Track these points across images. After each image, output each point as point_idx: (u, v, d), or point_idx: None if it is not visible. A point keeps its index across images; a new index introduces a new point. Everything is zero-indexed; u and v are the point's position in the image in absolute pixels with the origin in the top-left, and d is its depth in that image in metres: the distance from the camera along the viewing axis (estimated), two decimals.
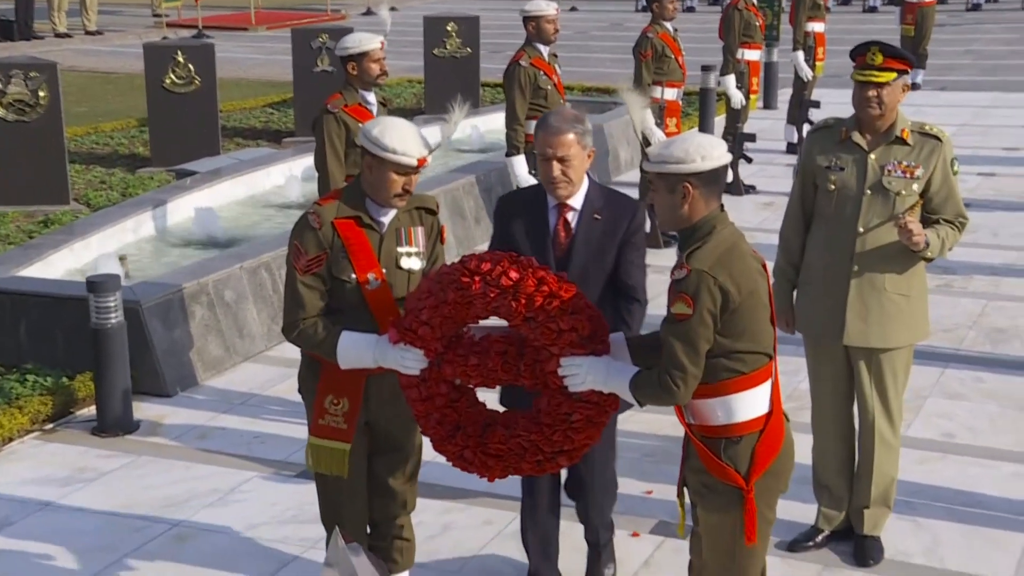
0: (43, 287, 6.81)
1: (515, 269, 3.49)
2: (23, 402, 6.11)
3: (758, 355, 3.45)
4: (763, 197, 10.75)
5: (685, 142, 3.41)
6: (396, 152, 3.74)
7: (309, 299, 3.82)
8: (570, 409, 3.57)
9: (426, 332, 3.59)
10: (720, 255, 3.36)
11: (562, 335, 3.48)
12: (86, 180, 10.69)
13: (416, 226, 3.96)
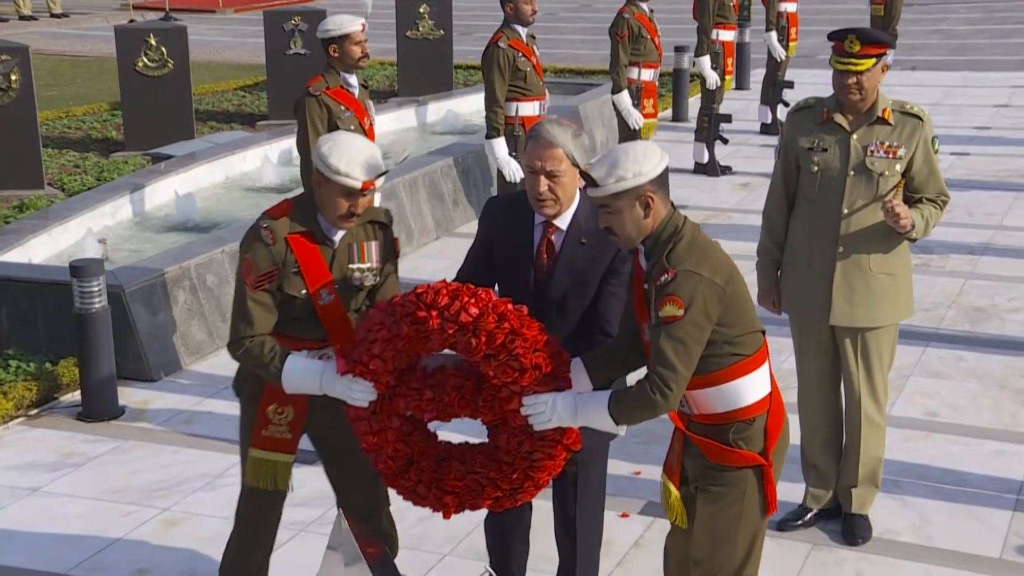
0: (25, 272, 6.75)
1: (475, 304, 3.30)
2: (7, 387, 6.07)
3: (755, 334, 3.45)
4: (739, 178, 10.79)
5: (630, 154, 3.29)
6: (340, 173, 3.55)
7: (258, 316, 3.64)
8: (531, 448, 3.41)
9: (378, 366, 3.39)
10: (696, 250, 3.31)
11: (524, 374, 3.31)
12: (60, 164, 10.59)
13: (370, 241, 3.80)
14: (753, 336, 3.44)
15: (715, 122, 10.85)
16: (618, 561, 4.74)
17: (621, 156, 3.29)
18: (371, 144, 3.68)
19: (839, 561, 4.73)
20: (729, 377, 3.40)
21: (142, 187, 8.78)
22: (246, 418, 3.91)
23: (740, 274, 3.40)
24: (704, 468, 3.51)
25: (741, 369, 3.40)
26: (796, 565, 4.69)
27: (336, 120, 6.08)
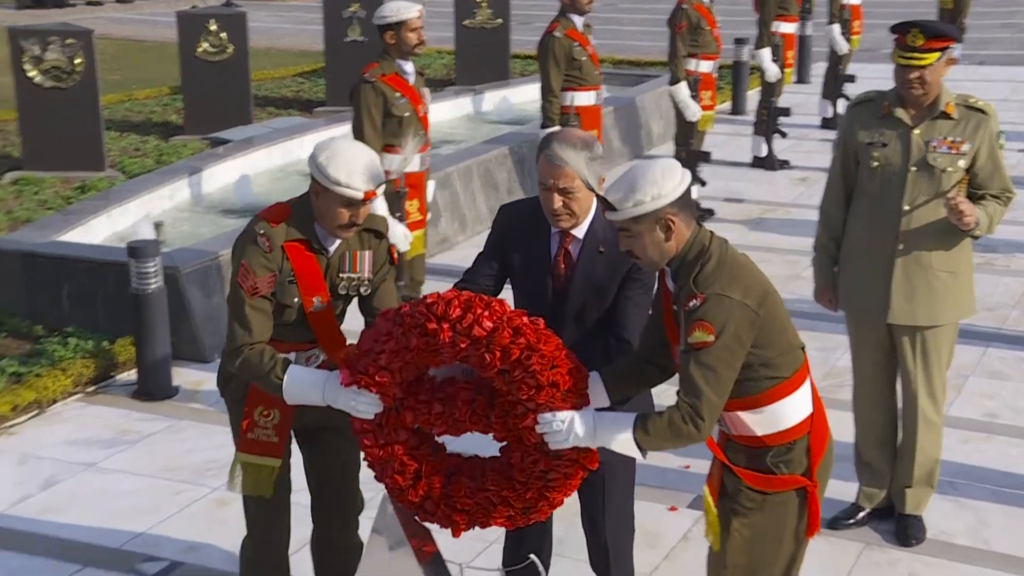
0: (85, 252, 6.84)
1: (488, 317, 3.11)
2: (66, 364, 6.15)
3: (793, 353, 3.26)
4: (797, 172, 10.69)
5: (646, 175, 3.12)
6: (340, 184, 3.42)
7: (257, 323, 3.50)
8: (546, 467, 3.22)
9: (385, 378, 3.21)
10: (726, 271, 3.13)
11: (540, 391, 3.12)
12: (121, 147, 10.71)
13: (364, 250, 3.66)
14: (792, 356, 3.26)
15: (774, 115, 10.74)
16: (665, 554, 4.71)
17: (639, 178, 3.12)
18: (370, 152, 3.55)
19: (892, 562, 4.67)
20: (767, 401, 3.22)
21: (200, 170, 8.86)
22: (233, 420, 3.81)
23: (775, 292, 3.21)
24: (744, 489, 3.35)
25: (780, 392, 3.23)
26: (847, 564, 4.63)
27: (390, 107, 6.08)
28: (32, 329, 6.68)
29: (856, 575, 4.57)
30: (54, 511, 5.00)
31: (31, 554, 4.68)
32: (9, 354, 6.40)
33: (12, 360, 6.27)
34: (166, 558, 4.65)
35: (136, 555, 4.67)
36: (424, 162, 6.32)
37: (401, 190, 6.13)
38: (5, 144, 10.64)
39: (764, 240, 8.80)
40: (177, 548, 4.72)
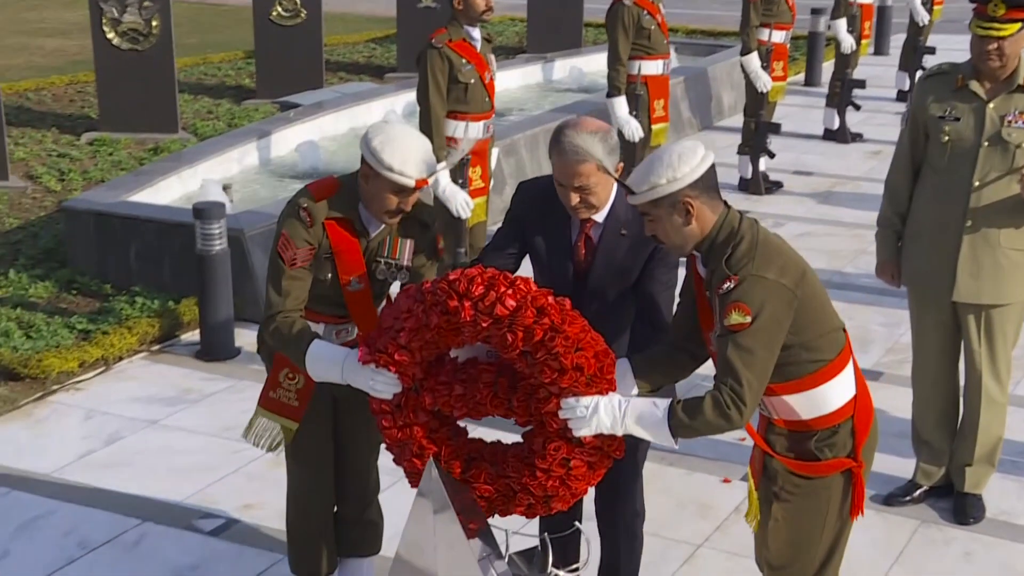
0: (152, 212, 6.93)
1: (512, 296, 2.99)
2: (132, 323, 6.25)
3: (835, 334, 3.18)
4: (871, 146, 10.51)
5: (664, 158, 3.06)
6: (393, 171, 3.38)
7: (292, 293, 3.50)
8: (568, 454, 3.11)
9: (404, 357, 3.12)
10: (759, 252, 3.02)
11: (564, 375, 3.00)
12: (194, 110, 10.84)
13: (406, 238, 3.60)
14: (833, 337, 3.17)
15: (848, 87, 10.56)
16: (717, 525, 4.69)
17: (656, 162, 3.06)
18: (424, 140, 3.51)
19: (948, 540, 4.60)
20: (811, 384, 3.15)
21: (269, 134, 8.94)
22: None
23: (812, 272, 3.13)
24: (786, 473, 3.28)
25: (823, 376, 3.15)
26: (902, 541, 4.57)
27: (457, 73, 6.07)
28: (102, 288, 6.80)
29: (910, 552, 4.51)
30: (116, 466, 5.10)
31: (93, 507, 4.77)
32: (79, 311, 6.52)
33: (81, 318, 6.39)
34: (222, 515, 4.73)
35: (194, 511, 4.75)
36: (488, 129, 6.31)
37: (464, 157, 6.12)
38: (84, 105, 10.82)
39: (832, 214, 8.68)
40: (233, 505, 4.79)
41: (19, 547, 4.50)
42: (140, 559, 4.43)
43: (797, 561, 3.32)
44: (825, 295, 3.19)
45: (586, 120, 3.40)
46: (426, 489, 3.15)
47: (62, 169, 8.95)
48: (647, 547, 4.46)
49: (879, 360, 6.15)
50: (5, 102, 10.33)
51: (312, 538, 3.91)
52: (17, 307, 6.53)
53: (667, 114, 7.86)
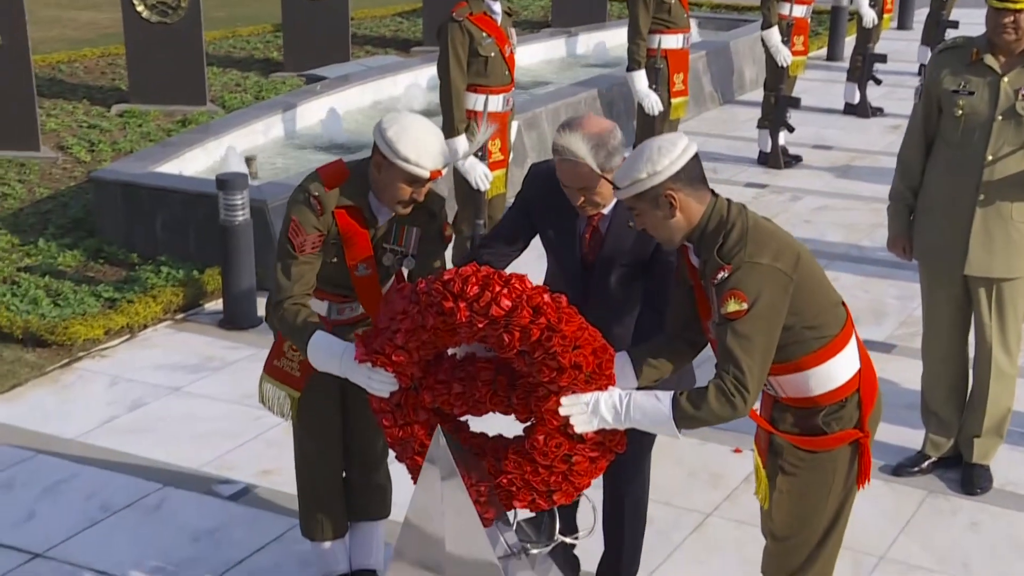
0: (178, 183, 6.96)
1: (507, 295, 2.92)
2: (157, 292, 6.29)
3: (835, 310, 3.14)
4: (891, 120, 10.40)
5: (643, 153, 3.00)
6: (408, 162, 3.33)
7: (300, 279, 3.48)
8: (570, 451, 3.06)
9: (401, 358, 3.07)
10: (751, 239, 2.98)
11: (562, 373, 2.95)
12: (222, 82, 10.85)
13: (413, 226, 3.57)
14: (834, 313, 3.13)
15: (869, 62, 10.44)
16: (727, 494, 4.68)
17: (636, 157, 3.01)
18: (438, 131, 3.45)
19: (955, 510, 4.58)
20: (817, 361, 3.10)
21: (294, 106, 8.94)
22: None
23: (807, 253, 3.07)
24: (792, 447, 3.25)
25: (828, 352, 3.10)
26: (909, 510, 4.56)
27: (477, 46, 6.04)
28: (128, 257, 6.84)
29: (917, 522, 4.49)
30: (139, 432, 5.14)
31: (116, 471, 4.82)
32: (106, 280, 6.57)
33: (108, 286, 6.43)
34: (241, 481, 4.76)
35: (213, 477, 4.79)
36: (507, 102, 6.27)
37: None
38: (114, 77, 10.85)
39: (850, 188, 8.61)
40: (252, 471, 4.82)
41: (44, 509, 4.55)
42: (160, 522, 4.47)
43: (802, 532, 3.30)
44: (822, 273, 3.15)
45: (587, 121, 3.32)
46: (434, 456, 3.15)
47: (92, 140, 8.99)
48: (658, 515, 4.48)
49: (892, 332, 6.11)
50: (38, 74, 10.37)
51: (321, 502, 3.92)
52: (46, 275, 6.58)
53: (686, 88, 7.80)
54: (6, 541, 4.34)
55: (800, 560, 3.30)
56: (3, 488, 4.69)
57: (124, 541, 4.35)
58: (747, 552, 4.29)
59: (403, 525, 3.21)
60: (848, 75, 10.80)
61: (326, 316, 3.67)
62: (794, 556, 3.31)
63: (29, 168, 8.36)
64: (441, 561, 3.20)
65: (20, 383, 5.56)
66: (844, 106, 10.76)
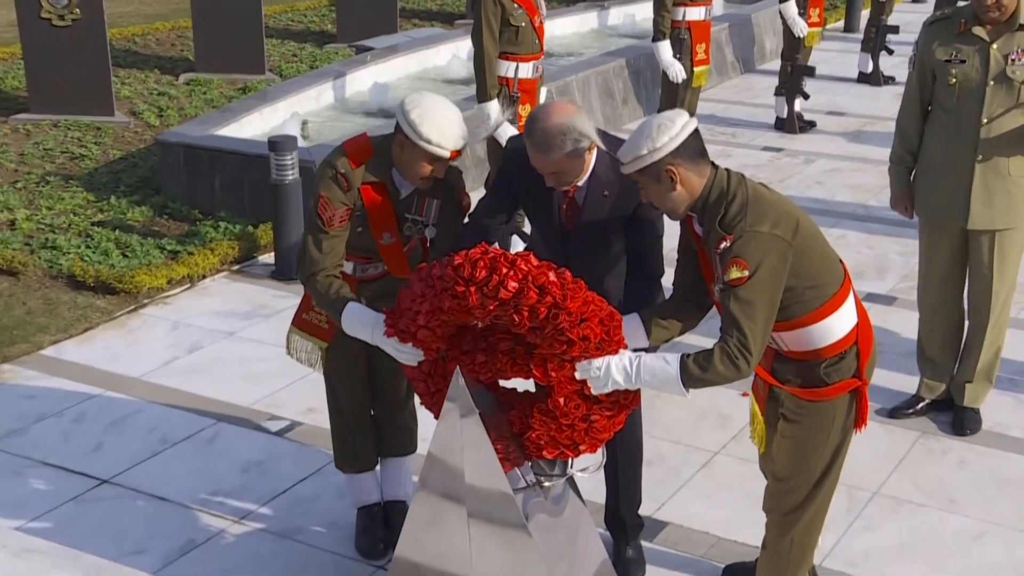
0: (234, 145, 6.95)
1: (513, 277, 2.89)
2: (214, 245, 6.31)
3: (834, 269, 3.09)
4: (901, 88, 10.08)
5: (644, 130, 2.98)
6: (431, 143, 3.30)
7: (331, 251, 3.45)
8: (588, 411, 3.07)
9: (425, 335, 3.09)
10: (751, 209, 2.94)
11: (572, 346, 2.94)
12: (280, 53, 10.83)
13: (432, 199, 3.53)
14: (834, 272, 3.08)
15: (882, 33, 10.24)
16: (734, 435, 4.65)
17: (638, 134, 2.99)
18: (458, 112, 3.39)
19: (945, 450, 4.52)
20: (817, 318, 3.06)
21: (344, 75, 8.90)
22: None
23: (806, 219, 3.02)
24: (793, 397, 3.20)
25: (828, 309, 3.06)
26: (902, 450, 4.51)
27: (508, 17, 5.97)
28: (191, 213, 6.87)
29: (909, 461, 4.44)
30: (197, 372, 5.18)
31: (175, 408, 4.86)
32: (170, 234, 6.60)
33: (171, 239, 6.47)
34: (288, 418, 4.78)
35: (263, 413, 4.82)
36: (537, 69, 6.21)
37: (515, 94, 6.05)
38: (183, 48, 10.86)
39: (861, 151, 8.47)
40: (298, 409, 4.85)
41: (111, 440, 4.60)
42: (214, 454, 4.51)
43: (801, 473, 3.26)
44: (821, 236, 3.09)
45: (555, 110, 3.22)
46: (453, 395, 3.15)
47: (161, 106, 9.01)
48: (668, 453, 4.47)
49: (895, 286, 6.01)
50: (115, 46, 10.43)
51: (351, 438, 3.93)
52: (116, 229, 6.63)
53: (708, 57, 7.68)
54: (77, 468, 4.40)
55: (799, 498, 3.28)
56: (75, 421, 4.75)
57: (181, 470, 4.40)
58: (750, 487, 4.27)
59: (426, 458, 3.22)
60: (862, 45, 10.60)
61: (351, 274, 3.65)
62: (794, 495, 3.29)
63: (104, 132, 8.41)
64: (462, 492, 3.21)
65: (92, 327, 5.62)
66: (858, 75, 10.57)
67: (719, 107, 9.66)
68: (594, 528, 3.49)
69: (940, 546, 3.95)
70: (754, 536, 3.97)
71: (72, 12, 8.37)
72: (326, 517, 4.10)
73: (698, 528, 4.04)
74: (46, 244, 6.41)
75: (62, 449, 4.54)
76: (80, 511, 4.14)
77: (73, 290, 5.94)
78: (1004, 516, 4.11)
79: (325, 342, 3.77)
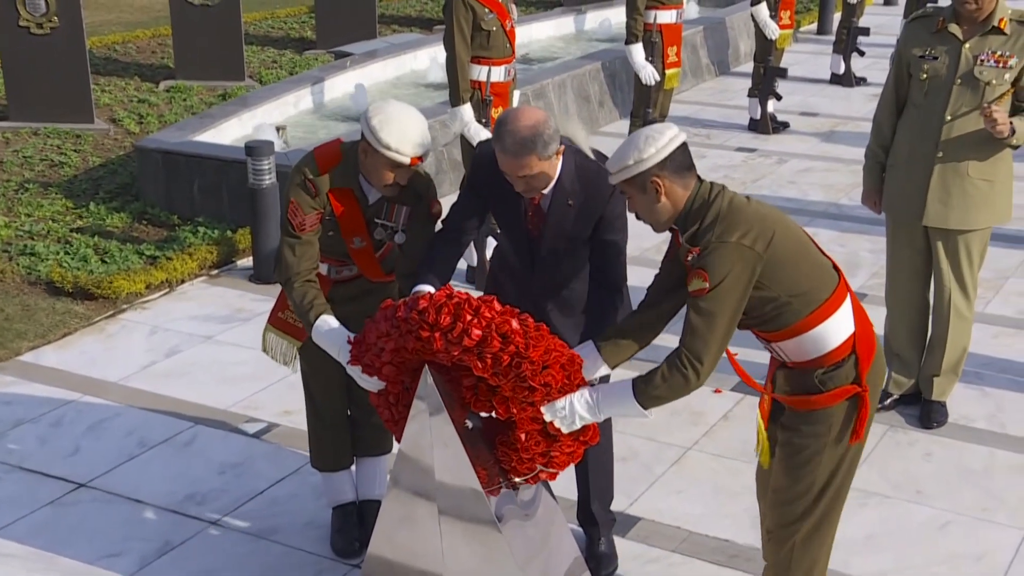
0: (212, 151, 6.94)
1: (477, 325, 2.90)
2: (193, 250, 6.30)
3: (824, 276, 3.02)
4: (873, 89, 10.25)
5: (633, 141, 2.97)
6: (390, 149, 3.31)
7: (304, 256, 3.48)
8: (548, 447, 3.08)
9: (390, 372, 3.11)
10: (723, 220, 2.91)
11: (535, 392, 2.95)
12: (260, 59, 10.81)
13: (402, 205, 3.54)
14: (822, 279, 3.01)
15: (853, 35, 10.29)
16: (705, 431, 4.67)
17: (627, 145, 2.97)
18: (421, 119, 3.40)
19: (912, 442, 4.55)
20: (810, 326, 2.99)
21: (323, 80, 8.89)
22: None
23: (788, 229, 2.95)
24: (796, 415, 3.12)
25: (820, 316, 2.99)
26: (871, 444, 4.51)
27: (480, 21, 5.98)
28: (169, 218, 6.85)
29: (877, 454, 4.47)
30: (175, 376, 5.17)
31: (153, 411, 4.85)
32: (149, 239, 6.59)
33: (150, 245, 6.45)
34: (265, 420, 4.78)
35: (240, 416, 4.81)
36: (509, 73, 6.22)
37: (487, 98, 6.06)
38: (163, 56, 10.83)
39: (833, 151, 8.51)
40: (275, 411, 4.84)
41: (88, 444, 4.59)
42: (191, 456, 4.51)
43: (797, 484, 3.15)
44: (808, 244, 3.03)
45: (523, 114, 3.22)
46: (423, 394, 3.15)
47: (141, 113, 8.99)
48: (642, 450, 4.49)
49: (865, 283, 6.05)
50: (95, 53, 10.40)
51: (327, 437, 3.93)
52: (95, 235, 6.61)
53: (679, 59, 7.70)
54: (55, 472, 4.38)
55: (798, 511, 3.17)
56: (53, 426, 4.73)
57: (158, 473, 4.39)
58: (721, 482, 4.29)
59: (397, 456, 3.22)
60: (834, 47, 10.65)
61: (327, 275, 3.67)
62: (792, 507, 3.18)
63: (84, 139, 8.38)
64: (432, 489, 3.22)
65: (70, 332, 5.60)
66: (830, 76, 10.62)
67: (694, 109, 9.69)
68: (566, 525, 3.50)
69: (906, 537, 3.97)
70: (725, 530, 4.00)
71: (51, 20, 8.35)
72: (303, 517, 4.10)
73: (670, 523, 4.06)
74: (25, 251, 6.39)
75: (39, 454, 4.53)
76: (57, 515, 4.13)
77: (51, 296, 5.92)
78: (967, 507, 4.14)
79: (299, 341, 3.78)
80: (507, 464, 3.17)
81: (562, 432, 3.05)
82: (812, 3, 13.19)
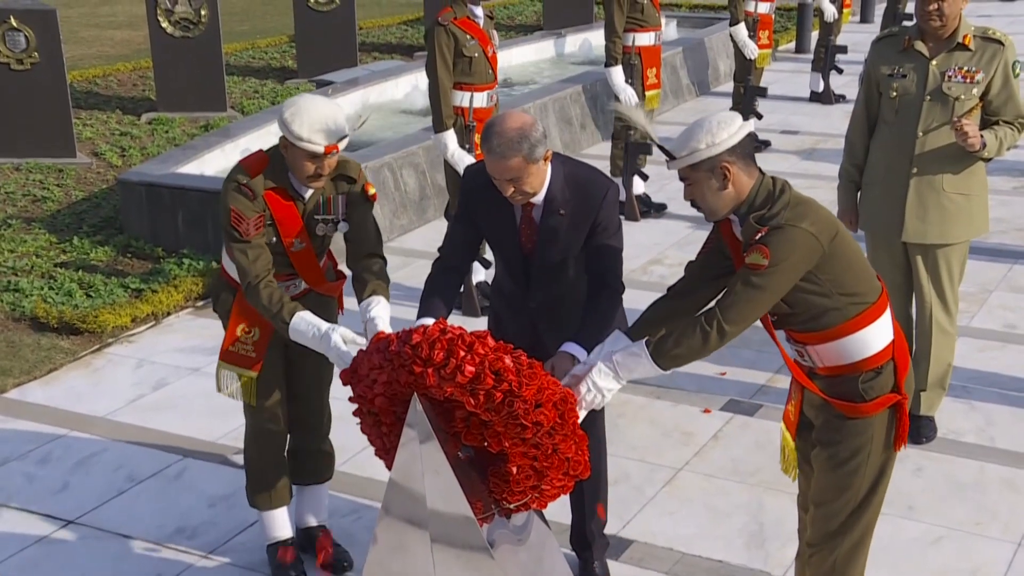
0: (197, 182, 6.93)
1: (471, 362, 2.86)
2: (178, 282, 6.28)
3: (872, 282, 3.03)
4: (851, 106, 10.30)
5: (703, 125, 2.96)
6: (302, 140, 3.33)
7: (258, 260, 3.48)
8: (538, 481, 3.05)
9: (383, 403, 3.07)
10: (792, 208, 2.91)
11: (526, 429, 2.91)
12: (242, 90, 10.82)
13: (338, 194, 3.57)
14: (871, 284, 3.03)
15: (831, 53, 10.39)
16: (696, 451, 4.67)
17: (696, 128, 2.96)
18: (333, 107, 3.42)
19: (902, 457, 4.51)
20: (855, 328, 2.99)
21: None
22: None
23: (847, 233, 2.98)
24: (828, 417, 3.11)
25: (866, 319, 2.99)
26: None
27: (462, 48, 6.00)
28: (154, 251, 6.83)
29: None
30: (162, 409, 5.15)
31: (141, 445, 4.82)
32: (133, 273, 6.57)
33: (135, 278, 6.43)
34: None
35: (229, 447, 4.78)
36: (491, 98, 6.24)
37: (470, 124, 6.08)
38: (145, 88, 10.83)
39: (814, 168, 8.56)
40: None
41: (76, 480, 4.56)
42: (181, 490, 4.48)
43: (840, 497, 3.15)
44: (858, 250, 3.04)
45: (511, 116, 3.24)
46: (413, 421, 3.14)
47: (123, 146, 8.98)
48: (633, 471, 4.48)
49: None
50: (76, 88, 10.39)
51: (267, 475, 3.88)
52: (79, 270, 6.58)
53: (659, 81, 7.74)
54: (43, 510, 4.35)
55: (838, 523, 3.16)
56: (40, 462, 4.70)
57: (147, 507, 4.36)
58: (713, 502, 4.29)
59: (388, 484, 3.20)
60: (812, 65, 10.73)
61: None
62: (835, 520, 3.17)
63: (66, 173, 8.37)
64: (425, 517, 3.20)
65: (56, 368, 5.57)
66: (810, 94, 10.70)
67: (675, 129, 9.72)
68: (559, 550, 3.48)
69: (899, 553, 3.97)
70: (718, 551, 3.99)
71: (31, 56, 8.35)
72: None
73: (663, 544, 4.05)
74: (8, 287, 6.36)
75: (26, 491, 4.49)
76: (45, 553, 4.10)
77: (36, 332, 5.89)
78: (960, 521, 4.15)
79: (255, 372, 3.71)
80: (499, 495, 3.15)
81: (551, 469, 3.02)
82: (790, 22, 13.29)
